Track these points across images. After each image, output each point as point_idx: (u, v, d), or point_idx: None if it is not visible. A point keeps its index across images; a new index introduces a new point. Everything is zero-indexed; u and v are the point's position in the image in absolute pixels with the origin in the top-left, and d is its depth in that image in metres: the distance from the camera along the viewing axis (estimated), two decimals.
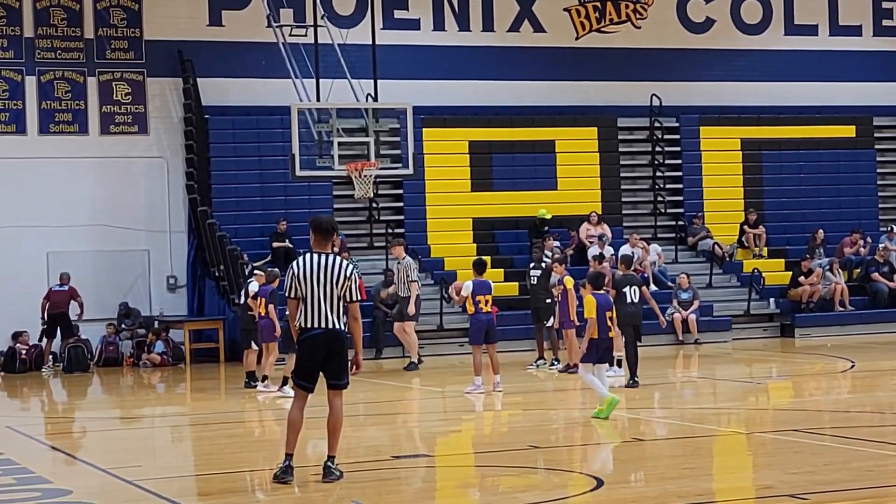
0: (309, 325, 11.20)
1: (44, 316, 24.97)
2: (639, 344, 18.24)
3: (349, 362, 11.38)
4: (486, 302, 18.23)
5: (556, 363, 21.72)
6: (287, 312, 11.52)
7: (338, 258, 11.37)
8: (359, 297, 11.42)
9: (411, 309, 22.57)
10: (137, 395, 21.58)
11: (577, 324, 20.63)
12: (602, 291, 15.83)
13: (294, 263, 11.39)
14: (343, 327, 11.26)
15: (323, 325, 11.17)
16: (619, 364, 19.63)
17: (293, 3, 27.14)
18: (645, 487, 11.20)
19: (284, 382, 18.46)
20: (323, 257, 11.29)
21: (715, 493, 10.94)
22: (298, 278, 11.23)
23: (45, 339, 24.95)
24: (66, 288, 25.14)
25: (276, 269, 20.04)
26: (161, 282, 26.96)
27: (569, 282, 20.60)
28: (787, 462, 11.84)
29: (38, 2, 26.64)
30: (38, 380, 23.95)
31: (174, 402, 20.78)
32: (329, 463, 11.28)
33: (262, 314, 19.19)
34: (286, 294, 11.39)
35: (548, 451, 13.36)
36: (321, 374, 11.33)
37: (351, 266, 11.39)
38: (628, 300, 17.95)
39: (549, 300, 21.62)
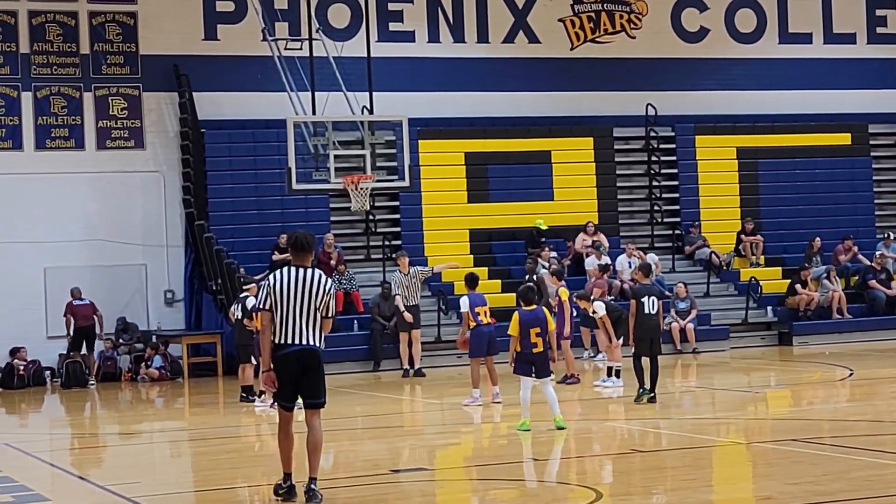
0: (283, 342, 10.89)
1: (69, 330, 24.96)
2: (658, 355, 17.47)
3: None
4: (485, 313, 18.19)
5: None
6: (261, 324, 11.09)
7: (317, 272, 11.05)
8: (335, 313, 11.13)
9: None
10: (136, 411, 21.55)
11: (570, 336, 20.66)
12: (532, 307, 15.51)
13: (272, 275, 11.08)
14: (319, 344, 10.94)
15: (298, 342, 10.87)
16: (618, 374, 19.65)
17: (288, 16, 27.18)
18: (644, 499, 11.19)
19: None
20: (302, 271, 10.97)
21: None
22: (275, 290, 10.89)
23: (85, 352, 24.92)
24: (88, 302, 25.14)
25: None
26: (158, 296, 26.95)
27: (563, 293, 20.57)
28: (786, 472, 11.84)
29: (34, 18, 26.66)
30: (36, 396, 23.94)
31: (173, 417, 20.75)
32: (312, 486, 10.92)
33: (259, 329, 19.07)
34: (260, 306, 11.03)
35: (546, 463, 13.37)
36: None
37: (330, 281, 11.12)
38: (646, 311, 17.22)
39: None
